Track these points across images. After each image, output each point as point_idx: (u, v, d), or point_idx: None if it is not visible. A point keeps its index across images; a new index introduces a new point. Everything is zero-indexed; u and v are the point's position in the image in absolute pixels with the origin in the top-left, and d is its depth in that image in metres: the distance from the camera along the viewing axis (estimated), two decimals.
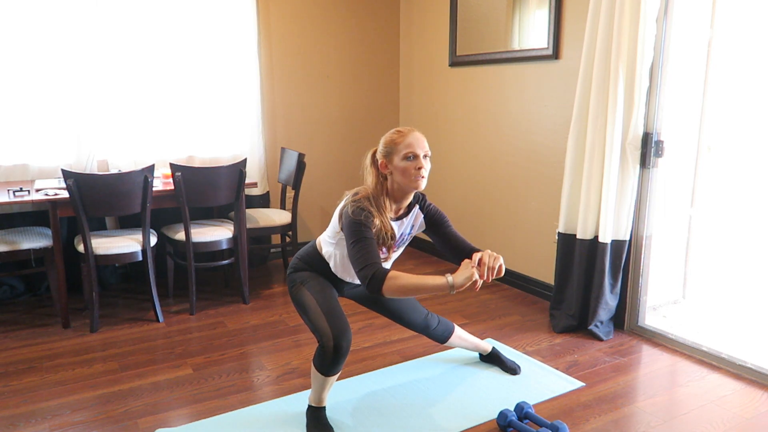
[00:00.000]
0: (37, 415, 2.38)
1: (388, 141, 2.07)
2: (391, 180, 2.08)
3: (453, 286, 1.87)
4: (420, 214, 2.23)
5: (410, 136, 2.04)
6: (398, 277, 1.90)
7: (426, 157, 2.06)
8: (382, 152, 2.08)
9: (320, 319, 2.11)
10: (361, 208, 2.03)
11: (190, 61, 3.90)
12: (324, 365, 2.13)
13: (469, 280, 1.86)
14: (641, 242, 3.12)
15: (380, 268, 1.93)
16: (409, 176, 2.03)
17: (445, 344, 2.68)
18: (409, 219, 2.20)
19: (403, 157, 2.02)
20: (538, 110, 3.57)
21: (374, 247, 1.99)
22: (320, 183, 4.60)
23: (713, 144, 3.41)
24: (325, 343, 2.09)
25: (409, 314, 2.48)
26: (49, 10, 3.46)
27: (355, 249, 1.97)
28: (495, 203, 4.01)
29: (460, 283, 1.87)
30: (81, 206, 3.01)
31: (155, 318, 3.34)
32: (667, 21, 2.88)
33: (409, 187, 2.07)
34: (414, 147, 2.03)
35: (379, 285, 1.89)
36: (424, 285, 1.91)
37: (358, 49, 4.59)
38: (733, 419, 2.37)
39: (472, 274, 1.86)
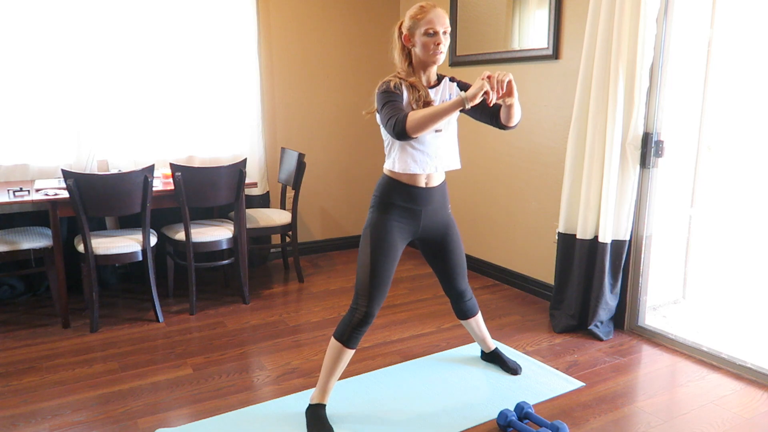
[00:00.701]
0: (37, 415, 2.38)
1: (411, 16, 2.17)
2: (414, 53, 2.20)
3: (467, 98, 1.98)
4: (453, 84, 2.32)
5: (431, 12, 2.14)
6: (417, 111, 2.04)
7: (445, 34, 2.16)
8: (406, 26, 2.18)
9: (365, 284, 2.22)
10: (384, 81, 2.16)
11: (190, 61, 3.90)
12: (347, 330, 2.23)
13: (481, 89, 1.97)
14: (641, 242, 3.12)
15: (402, 114, 2.03)
16: (428, 51, 2.15)
17: (462, 322, 2.70)
18: (443, 87, 2.29)
19: (424, 32, 2.13)
20: (538, 110, 3.57)
21: (399, 104, 2.10)
22: (320, 183, 4.60)
23: (713, 144, 3.41)
24: (358, 306, 2.22)
25: (458, 275, 2.53)
26: (49, 11, 3.46)
27: (383, 112, 2.09)
28: (495, 203, 4.01)
29: (472, 94, 1.98)
30: (81, 206, 3.01)
31: (155, 318, 3.34)
32: (667, 21, 2.88)
33: (429, 61, 2.18)
34: (434, 23, 2.13)
35: (403, 125, 2.01)
36: (441, 108, 2.02)
37: (358, 49, 4.59)
38: (733, 419, 2.37)
39: (482, 85, 1.97)
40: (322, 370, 2.31)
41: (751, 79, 3.30)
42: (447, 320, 3.35)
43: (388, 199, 2.26)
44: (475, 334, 2.74)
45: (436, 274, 2.57)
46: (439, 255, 2.48)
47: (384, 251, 2.23)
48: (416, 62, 2.22)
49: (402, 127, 2.01)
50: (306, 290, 3.90)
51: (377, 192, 2.30)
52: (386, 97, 2.11)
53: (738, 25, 3.22)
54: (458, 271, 2.52)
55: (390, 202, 2.26)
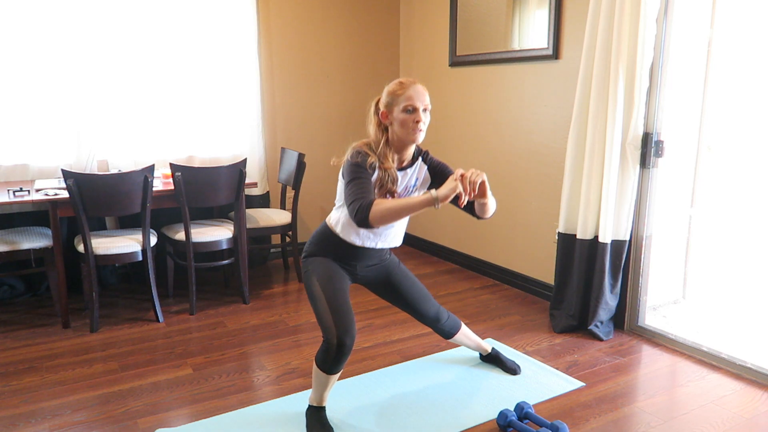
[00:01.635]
0: (37, 415, 2.38)
1: (389, 92, 2.09)
2: (392, 130, 2.11)
3: (437, 199, 1.89)
4: (423, 166, 2.25)
5: (411, 88, 2.06)
6: (383, 202, 1.94)
7: (426, 111, 2.08)
8: (384, 102, 2.11)
9: (326, 315, 2.12)
10: (359, 152, 2.08)
11: (190, 61, 3.90)
12: (326, 362, 2.12)
13: (453, 191, 1.88)
14: (641, 242, 3.12)
15: (367, 199, 1.94)
16: (407, 128, 2.06)
17: (450, 340, 2.67)
18: (413, 170, 2.21)
19: (403, 109, 2.04)
20: (538, 110, 3.57)
21: (368, 185, 2.00)
22: (320, 183, 4.60)
23: (713, 144, 3.41)
24: (329, 339, 2.09)
25: (421, 304, 2.47)
26: (49, 10, 3.45)
27: (349, 188, 2.01)
28: None
29: (444, 195, 1.89)
30: (81, 206, 3.01)
31: (155, 318, 3.34)
32: (667, 21, 2.88)
33: (407, 140, 2.09)
34: (414, 100, 2.04)
35: (366, 213, 1.91)
36: (410, 203, 1.94)
37: (358, 49, 4.59)
38: (733, 419, 2.37)
39: (455, 186, 1.88)
40: (312, 383, 2.27)
41: (751, 79, 3.30)
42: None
43: (322, 248, 2.25)
44: (468, 345, 2.73)
45: (402, 309, 2.51)
46: (388, 294, 2.45)
47: (331, 279, 2.19)
48: (393, 139, 2.12)
49: (365, 216, 1.92)
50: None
51: (313, 240, 2.29)
52: (357, 172, 2.01)
53: (738, 25, 3.22)
54: (417, 300, 2.46)
55: (323, 250, 2.25)
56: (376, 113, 2.15)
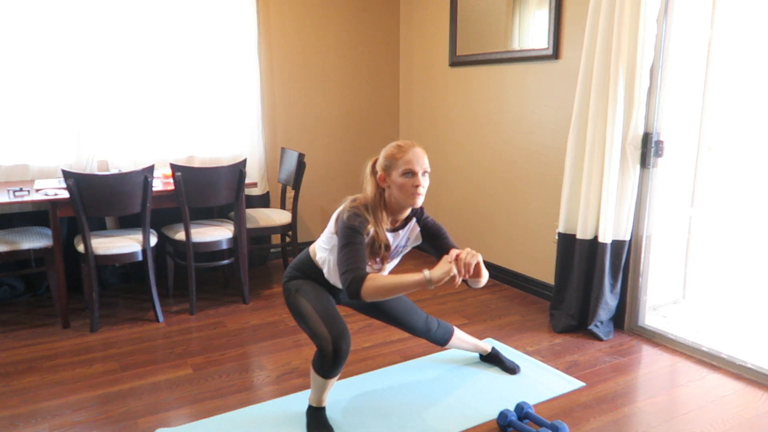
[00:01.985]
0: (37, 415, 2.38)
1: (387, 155, 2.06)
2: (389, 193, 2.08)
3: (431, 281, 1.87)
4: (416, 227, 2.22)
5: (410, 152, 2.03)
6: (376, 278, 1.91)
7: (425, 174, 2.05)
8: (381, 165, 2.07)
9: (318, 324, 2.10)
10: (357, 214, 2.03)
11: (190, 62, 3.90)
12: (324, 368, 2.12)
13: (447, 274, 1.86)
14: (641, 242, 3.12)
15: (360, 272, 1.92)
16: (406, 192, 2.03)
17: (446, 347, 2.68)
18: (405, 231, 2.20)
19: (402, 173, 2.02)
20: (538, 110, 3.57)
21: (362, 253, 1.98)
22: (320, 183, 4.60)
23: (713, 144, 3.41)
24: (324, 347, 2.08)
25: (408, 318, 2.47)
26: (49, 10, 3.45)
27: (343, 253, 1.98)
28: (495, 203, 4.01)
29: (438, 277, 1.87)
30: (81, 206, 3.01)
31: (155, 318, 3.34)
32: (667, 21, 2.88)
33: (405, 203, 2.07)
34: (413, 164, 2.01)
35: (358, 288, 1.90)
36: (402, 283, 1.91)
37: (358, 49, 4.59)
38: (733, 419, 2.37)
39: (450, 269, 1.86)
40: (311, 385, 2.27)
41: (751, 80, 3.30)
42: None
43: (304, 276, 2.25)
44: (465, 348, 2.74)
45: (390, 325, 2.51)
46: (375, 312, 2.46)
47: (317, 292, 2.19)
48: (390, 202, 2.09)
49: (356, 290, 1.90)
50: None
51: (295, 267, 2.27)
52: (352, 237, 1.98)
53: (738, 25, 3.22)
54: (405, 314, 2.46)
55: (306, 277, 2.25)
56: (372, 174, 2.10)
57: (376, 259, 2.11)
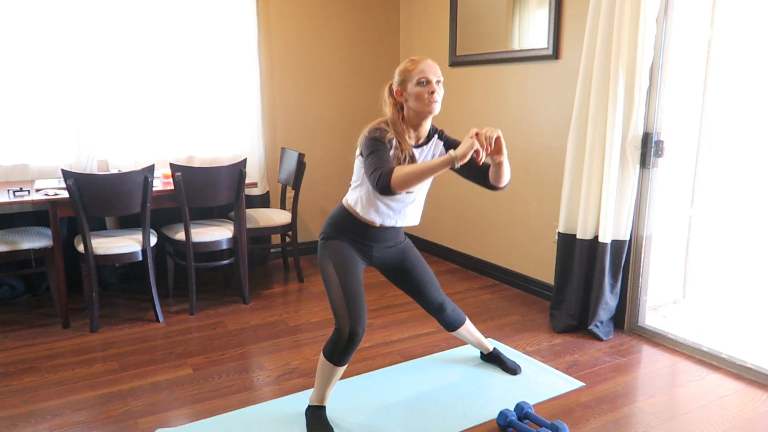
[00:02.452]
0: (37, 415, 2.38)
1: (402, 70, 2.15)
2: (407, 107, 2.16)
3: (456, 158, 1.96)
4: (440, 143, 2.29)
5: (423, 63, 2.12)
6: (403, 167, 1.99)
7: (439, 83, 2.13)
8: (397, 81, 2.16)
9: (341, 302, 2.15)
10: (377, 128, 2.12)
11: (190, 61, 3.90)
12: (335, 352, 2.16)
13: (470, 148, 1.95)
14: (641, 242, 3.12)
15: (388, 167, 1.99)
16: (422, 101, 2.10)
17: (453, 333, 2.68)
18: (430, 146, 2.26)
19: (417, 82, 2.10)
20: (538, 110, 3.57)
21: (387, 156, 2.05)
22: (320, 183, 4.60)
23: (713, 144, 3.41)
24: (341, 327, 2.13)
25: (428, 291, 2.49)
26: (49, 10, 3.46)
27: (369, 160, 2.05)
28: (495, 203, 4.01)
29: (462, 153, 1.95)
30: (81, 206, 3.01)
31: (155, 318, 3.34)
32: (667, 21, 2.88)
33: (424, 112, 2.13)
34: (427, 73, 2.10)
35: (388, 180, 1.96)
36: (429, 165, 1.99)
37: (358, 49, 4.59)
38: (733, 419, 2.37)
39: (472, 143, 1.95)
40: (316, 380, 2.28)
41: (751, 80, 3.30)
42: None
43: (340, 230, 2.26)
44: (470, 340, 2.74)
45: (409, 296, 2.53)
46: (400, 277, 2.46)
47: (347, 267, 2.21)
48: (409, 117, 2.17)
49: (387, 181, 1.97)
50: (306, 290, 3.90)
51: (330, 222, 2.30)
52: (375, 145, 2.06)
53: (738, 25, 3.22)
54: (427, 286, 2.48)
55: (341, 232, 2.26)
56: (390, 95, 2.19)
57: None
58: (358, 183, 2.24)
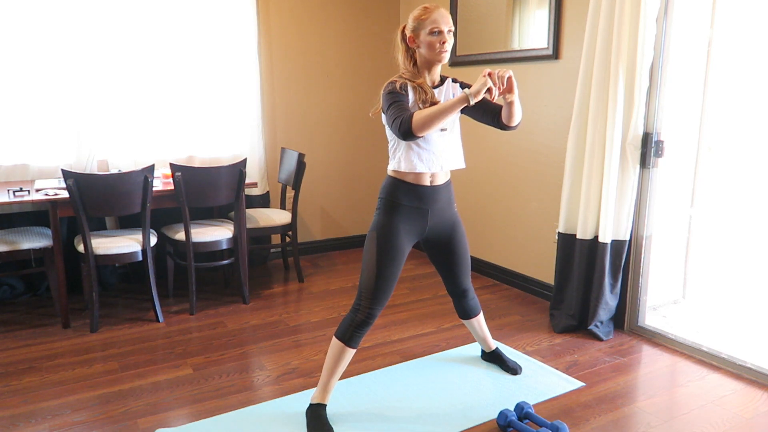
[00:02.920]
0: (37, 415, 2.38)
1: (415, 17, 2.20)
2: (419, 53, 2.23)
3: (471, 95, 2.03)
4: (456, 85, 2.34)
5: (436, 12, 2.17)
6: (422, 111, 2.06)
7: (450, 32, 2.19)
8: (410, 27, 2.21)
9: (370, 282, 2.23)
10: (390, 82, 2.19)
11: (190, 61, 3.90)
12: (349, 329, 2.25)
13: (484, 85, 2.02)
14: (641, 242, 3.12)
15: (408, 113, 2.06)
16: (433, 50, 2.17)
17: (465, 321, 2.70)
18: (446, 87, 2.31)
19: (429, 32, 2.16)
20: (538, 110, 3.57)
21: (405, 105, 2.12)
22: (320, 183, 4.60)
23: (713, 144, 3.41)
24: (361, 306, 2.24)
25: (461, 273, 2.53)
26: (49, 10, 3.45)
27: (389, 113, 2.12)
28: (495, 203, 4.01)
29: (476, 90, 2.03)
30: (81, 206, 3.01)
31: (155, 318, 3.34)
32: (667, 21, 2.88)
33: (434, 60, 2.21)
34: (439, 23, 2.16)
35: (409, 125, 2.03)
36: (446, 105, 2.05)
37: (358, 49, 4.59)
38: (733, 419, 2.37)
39: (485, 81, 2.03)
40: (323, 369, 2.31)
41: (751, 80, 3.29)
42: (447, 320, 3.35)
43: (395, 199, 2.27)
44: (477, 333, 2.74)
45: (440, 272, 2.57)
46: (444, 253, 2.49)
47: (390, 254, 2.24)
48: (421, 63, 2.25)
49: (408, 126, 2.04)
50: (306, 290, 3.90)
51: (383, 194, 2.31)
52: (392, 97, 2.14)
53: (738, 25, 3.22)
54: (462, 269, 2.53)
55: (397, 202, 2.27)
56: (403, 40, 2.25)
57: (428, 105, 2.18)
58: (394, 144, 2.28)
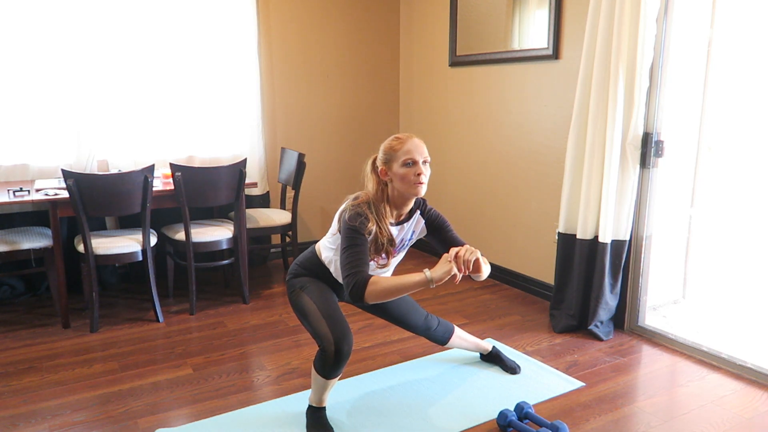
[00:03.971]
0: (37, 415, 2.38)
1: (387, 148, 2.08)
2: (392, 186, 2.10)
3: (432, 280, 1.91)
4: (421, 220, 2.24)
5: (409, 142, 2.05)
6: (378, 282, 1.94)
7: (425, 163, 2.07)
8: (381, 159, 2.10)
9: (321, 324, 2.11)
10: (359, 213, 2.04)
11: (190, 61, 3.90)
12: (325, 369, 2.13)
13: (448, 274, 1.90)
14: (641, 242, 3.12)
15: (363, 276, 1.95)
16: (408, 182, 2.05)
17: (447, 346, 2.68)
18: (410, 224, 2.21)
19: (402, 163, 2.04)
20: (538, 110, 3.57)
21: (364, 255, 2.00)
22: (320, 183, 4.60)
23: (713, 144, 3.41)
24: (326, 347, 2.08)
25: (409, 317, 2.49)
26: (49, 10, 3.45)
27: (345, 255, 2.00)
28: (495, 203, 4.01)
29: (438, 277, 1.90)
30: (81, 206, 3.01)
31: (155, 318, 3.34)
32: (667, 21, 2.88)
33: (409, 194, 2.08)
34: (413, 153, 2.04)
35: (362, 292, 1.93)
36: (404, 284, 1.94)
37: (358, 49, 4.59)
38: (733, 419, 2.37)
39: (450, 268, 1.90)
40: (312, 385, 2.27)
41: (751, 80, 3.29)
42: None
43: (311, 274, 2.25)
44: (466, 347, 2.74)
45: (391, 323, 2.53)
46: (376, 310, 2.47)
47: (321, 292, 2.19)
48: (393, 195, 2.11)
49: (360, 293, 1.93)
50: None
51: (302, 265, 2.27)
52: (354, 239, 2.00)
53: (738, 25, 3.22)
54: (405, 312, 2.48)
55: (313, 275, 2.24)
56: (373, 171, 2.13)
57: (382, 255, 2.12)
58: (334, 248, 2.18)
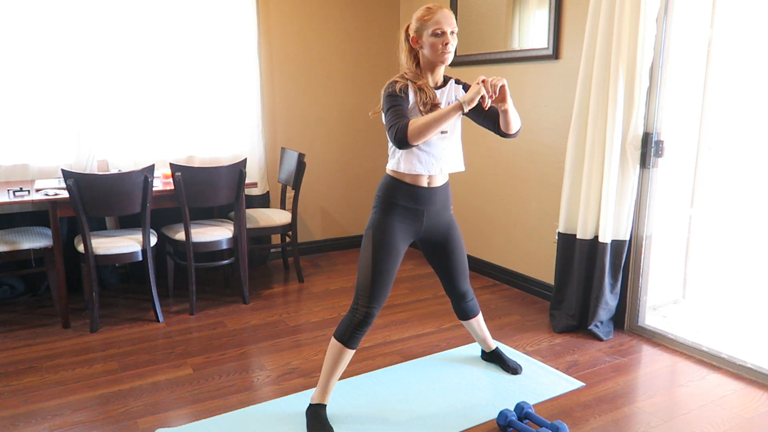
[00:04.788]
0: (37, 415, 2.38)
1: (418, 18, 2.19)
2: (422, 54, 2.23)
3: (464, 102, 2.04)
4: (459, 87, 2.34)
5: (439, 13, 2.17)
6: (416, 120, 2.07)
7: (453, 33, 2.19)
8: (414, 28, 2.21)
9: (366, 282, 2.23)
10: (391, 83, 2.18)
11: (190, 61, 3.90)
12: (347, 330, 2.24)
13: (477, 93, 2.03)
14: (641, 242, 3.12)
15: (403, 122, 2.06)
16: (436, 51, 2.17)
17: (464, 322, 2.70)
18: (449, 88, 2.31)
19: (432, 33, 2.16)
20: (538, 110, 3.57)
21: (402, 110, 2.11)
22: (320, 183, 4.60)
23: (713, 144, 3.41)
24: (359, 306, 2.22)
25: (459, 276, 2.53)
26: (49, 10, 3.46)
27: (387, 116, 2.12)
28: (495, 203, 4.01)
29: (469, 98, 2.04)
30: (81, 206, 3.01)
31: (155, 318, 3.34)
32: (667, 21, 2.88)
33: (436, 61, 2.20)
34: (442, 24, 2.15)
35: (404, 133, 2.04)
36: (440, 113, 2.06)
37: (358, 49, 4.59)
38: (733, 419, 2.37)
39: (479, 89, 2.03)
40: (322, 370, 2.31)
41: (751, 80, 3.30)
42: (447, 320, 3.35)
43: (391, 199, 2.26)
44: (476, 334, 2.74)
45: (438, 275, 2.57)
46: (440, 256, 2.49)
47: (386, 253, 2.24)
48: (424, 63, 2.24)
49: (403, 135, 2.04)
50: (306, 290, 3.90)
51: (380, 192, 2.30)
52: (391, 101, 2.13)
53: (738, 25, 3.22)
54: (460, 272, 2.53)
55: (393, 202, 2.26)
56: (406, 40, 2.25)
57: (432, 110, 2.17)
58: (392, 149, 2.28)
